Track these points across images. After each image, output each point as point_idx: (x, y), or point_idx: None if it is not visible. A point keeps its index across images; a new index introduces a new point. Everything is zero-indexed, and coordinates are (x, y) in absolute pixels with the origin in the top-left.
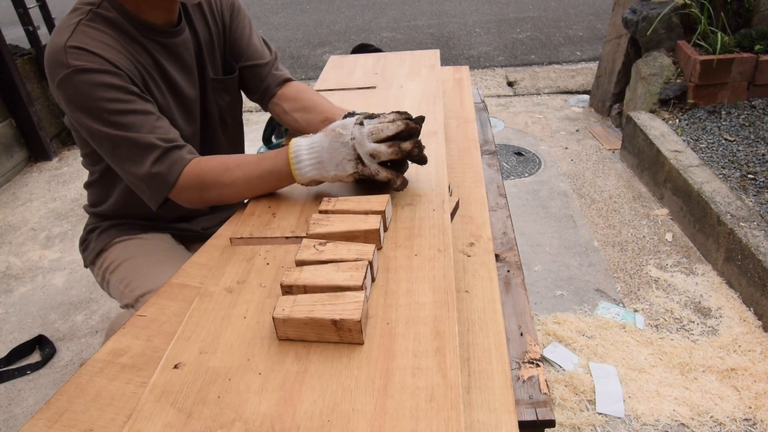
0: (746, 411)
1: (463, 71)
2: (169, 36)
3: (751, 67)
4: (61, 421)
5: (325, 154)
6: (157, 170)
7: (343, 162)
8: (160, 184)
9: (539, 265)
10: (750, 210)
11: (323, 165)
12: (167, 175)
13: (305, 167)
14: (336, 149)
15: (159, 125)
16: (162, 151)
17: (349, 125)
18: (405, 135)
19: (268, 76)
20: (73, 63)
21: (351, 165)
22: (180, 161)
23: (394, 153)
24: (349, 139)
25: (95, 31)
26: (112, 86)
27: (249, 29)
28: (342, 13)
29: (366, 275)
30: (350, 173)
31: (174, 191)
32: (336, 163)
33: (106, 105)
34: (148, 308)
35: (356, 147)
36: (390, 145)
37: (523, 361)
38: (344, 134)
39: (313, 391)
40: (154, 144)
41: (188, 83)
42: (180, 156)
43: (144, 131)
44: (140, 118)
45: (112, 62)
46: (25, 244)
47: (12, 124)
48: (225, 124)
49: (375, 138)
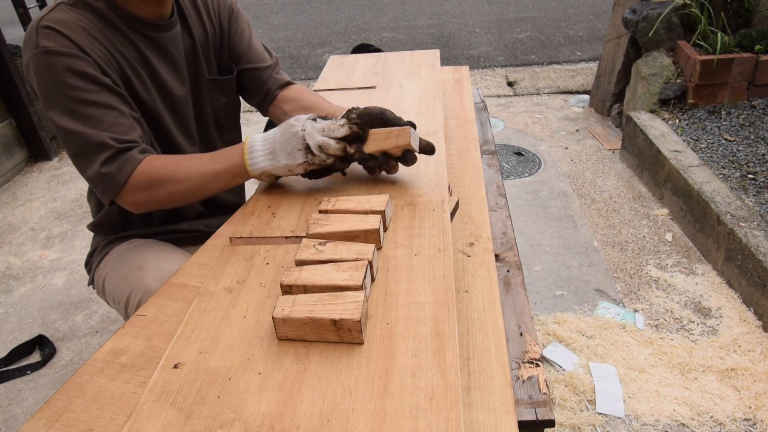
0: (746, 411)
1: (463, 71)
2: (156, 30)
3: (751, 67)
4: (60, 420)
5: (276, 144)
6: (106, 170)
7: (294, 151)
8: (109, 184)
9: (539, 265)
10: (750, 210)
11: (275, 155)
12: (116, 175)
13: (257, 157)
14: (287, 139)
15: (119, 122)
16: (114, 152)
17: (302, 119)
18: (351, 139)
19: (269, 80)
20: (42, 43)
21: (301, 154)
22: (131, 161)
23: (340, 149)
24: (299, 129)
25: (74, 15)
26: (76, 72)
27: (249, 32)
28: (342, 13)
29: (366, 275)
30: (300, 162)
31: (123, 192)
32: (287, 152)
33: (67, 92)
34: (147, 308)
35: (306, 137)
36: (338, 142)
37: (523, 361)
38: (295, 125)
39: (312, 391)
40: (106, 144)
41: (177, 81)
42: (131, 156)
43: (100, 127)
44: (100, 111)
45: (82, 47)
46: (25, 244)
47: (12, 124)
48: (221, 125)
49: (325, 134)
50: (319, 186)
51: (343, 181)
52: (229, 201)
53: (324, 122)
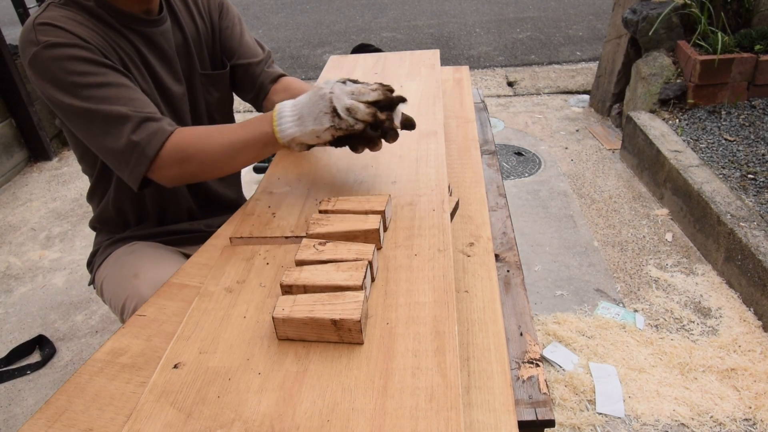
0: (746, 411)
1: (463, 71)
2: (147, 25)
3: (751, 67)
4: (60, 420)
5: (304, 109)
6: (136, 139)
7: (320, 115)
8: (140, 156)
9: (539, 265)
10: (750, 210)
11: (303, 120)
12: (146, 146)
13: (286, 123)
14: (315, 102)
15: (135, 97)
16: (139, 120)
17: (331, 81)
18: (383, 105)
19: (261, 74)
20: (42, 39)
21: (327, 118)
22: (161, 132)
23: (370, 114)
24: (327, 91)
25: (66, 12)
26: (82, 59)
27: (239, 27)
28: (342, 13)
29: (366, 275)
30: (327, 127)
31: (155, 165)
32: (314, 117)
33: (77, 79)
34: (147, 308)
35: (333, 100)
36: (368, 105)
37: (523, 361)
38: (324, 88)
39: (312, 391)
40: (129, 115)
41: (171, 77)
42: (160, 127)
43: (118, 104)
44: (114, 90)
45: (82, 37)
46: (25, 244)
47: (12, 124)
48: (214, 120)
49: (355, 98)
50: (319, 186)
51: (343, 181)
52: (226, 197)
53: (354, 85)
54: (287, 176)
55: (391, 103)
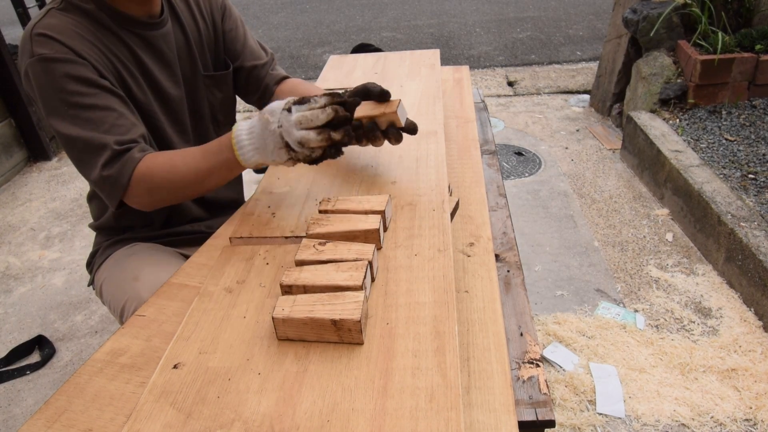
0: (747, 411)
1: (463, 71)
2: (148, 28)
3: (751, 66)
4: (60, 421)
5: (259, 141)
6: (107, 173)
7: (276, 149)
8: (112, 187)
9: (539, 265)
10: (750, 210)
11: (261, 150)
12: (118, 177)
13: (248, 152)
14: (267, 137)
15: (119, 123)
16: (113, 154)
17: (276, 111)
18: (336, 123)
19: (266, 77)
20: (37, 51)
21: (284, 152)
22: (130, 162)
23: (323, 140)
24: (276, 127)
25: (65, 19)
26: (74, 77)
27: (242, 29)
28: (342, 13)
29: (366, 275)
30: (286, 159)
31: (127, 195)
32: (271, 150)
33: (66, 98)
34: (147, 308)
35: (283, 135)
36: (319, 132)
37: (523, 361)
38: (272, 121)
39: (312, 391)
40: (106, 146)
41: (170, 81)
42: (130, 156)
43: (101, 130)
44: (100, 114)
45: (77, 52)
46: (24, 244)
47: (11, 123)
48: (217, 122)
49: (303, 126)
50: (319, 186)
51: (343, 181)
52: (229, 199)
53: (300, 111)
54: (287, 176)
55: (343, 119)
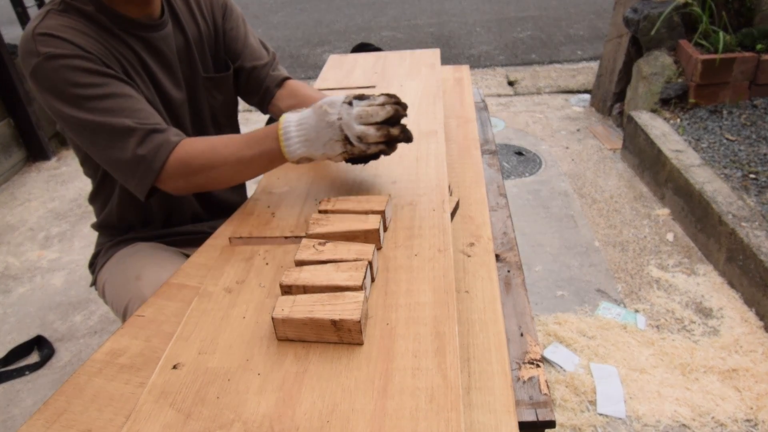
0: (748, 412)
1: (464, 70)
2: (147, 30)
3: (752, 66)
4: (59, 421)
5: (312, 132)
6: (142, 153)
7: (330, 142)
8: (146, 170)
9: (540, 265)
10: (751, 210)
11: (312, 143)
12: (153, 160)
13: (294, 144)
14: (323, 128)
15: (139, 107)
16: (144, 134)
17: (336, 103)
18: (394, 120)
19: (267, 78)
20: (43, 50)
21: (339, 145)
22: (166, 144)
23: (382, 136)
24: (335, 119)
25: (65, 20)
26: (85, 70)
27: (244, 29)
28: (342, 12)
29: (366, 275)
30: (339, 153)
31: (161, 177)
32: (323, 143)
33: (80, 91)
34: (146, 308)
35: (343, 128)
36: (378, 128)
37: (524, 362)
38: (331, 113)
39: (312, 392)
40: (133, 127)
41: (172, 84)
42: (165, 139)
43: (122, 115)
44: (118, 101)
45: (83, 47)
46: (23, 244)
47: (10, 123)
48: (218, 124)
49: (364, 121)
50: (319, 186)
51: (343, 181)
52: (231, 200)
53: (361, 106)
54: (287, 176)
55: (401, 117)
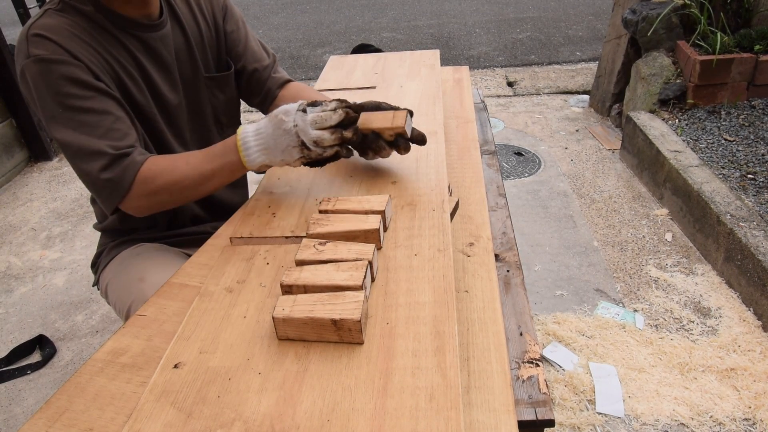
0: (746, 411)
1: (463, 71)
2: (146, 30)
3: (750, 67)
4: (61, 420)
5: (270, 141)
6: (107, 176)
7: (289, 149)
8: (112, 191)
9: (539, 265)
10: (750, 210)
11: (270, 150)
12: (119, 182)
13: (253, 153)
14: (280, 136)
15: (115, 128)
16: (111, 159)
17: (291, 111)
18: (346, 123)
19: (268, 80)
20: (33, 52)
21: (297, 151)
22: (132, 166)
23: (336, 139)
24: (291, 126)
25: (62, 20)
26: (69, 79)
27: (244, 31)
28: (342, 14)
29: (366, 275)
30: (297, 158)
31: (126, 199)
32: (281, 150)
33: (61, 100)
34: (147, 308)
35: (300, 134)
36: (333, 131)
37: (523, 361)
38: (287, 121)
39: (312, 391)
40: (102, 151)
41: (168, 86)
42: (131, 161)
43: (96, 134)
44: (95, 117)
45: (73, 53)
46: (25, 244)
47: (12, 124)
48: (221, 124)
49: (318, 126)
50: (319, 186)
51: (343, 181)
52: (231, 202)
53: (315, 112)
54: (287, 176)
55: (353, 120)
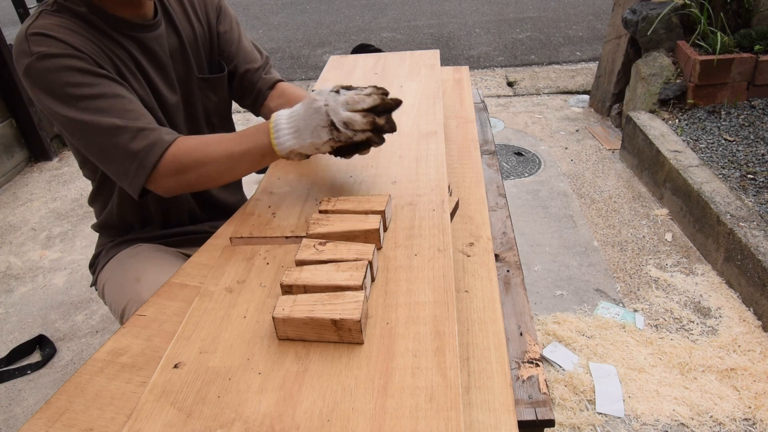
0: (746, 411)
1: (463, 71)
2: (141, 30)
3: (750, 67)
4: (61, 420)
5: (301, 122)
6: (134, 149)
7: (318, 128)
8: (138, 167)
9: (539, 265)
10: (749, 210)
11: (300, 133)
12: (145, 157)
13: (283, 136)
14: (310, 115)
15: (130, 108)
16: (135, 131)
17: (324, 92)
18: (380, 110)
19: (260, 81)
20: (35, 49)
21: (326, 132)
22: (159, 143)
23: (368, 123)
24: (322, 104)
25: (58, 20)
26: (77, 70)
27: (237, 31)
28: (342, 14)
29: (366, 275)
30: (326, 140)
31: (153, 176)
32: (311, 130)
33: (72, 90)
34: (147, 308)
35: (330, 113)
36: (365, 115)
37: (523, 361)
38: (318, 100)
39: (313, 391)
40: (124, 126)
41: (166, 86)
42: (158, 137)
43: (113, 115)
44: (109, 101)
45: (75, 46)
46: (25, 244)
47: (12, 124)
48: (212, 124)
49: (350, 108)
50: (319, 186)
51: (343, 181)
52: (228, 200)
53: (348, 94)
54: (287, 176)
55: (388, 107)
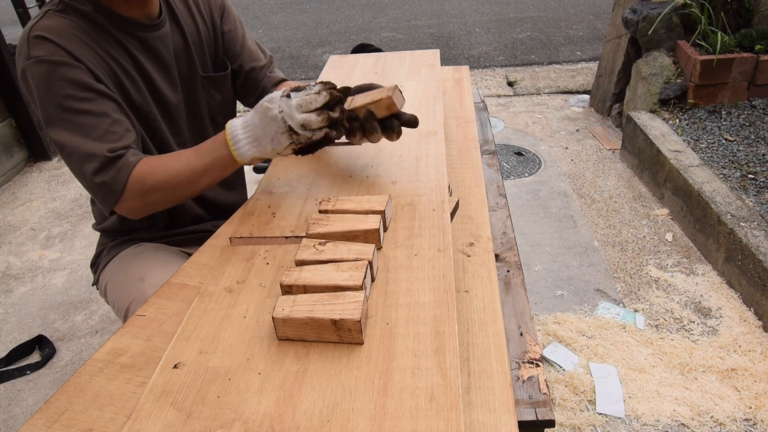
0: (746, 411)
1: (463, 71)
2: (145, 29)
3: (751, 66)
4: (60, 420)
5: (259, 131)
6: (100, 180)
7: (277, 135)
8: (107, 194)
9: (539, 265)
10: (750, 210)
11: (259, 141)
12: (113, 183)
13: (244, 146)
14: (267, 124)
15: (112, 130)
16: (104, 161)
17: (275, 98)
18: (332, 104)
19: (264, 79)
20: (34, 53)
21: (285, 137)
22: (124, 168)
23: (323, 120)
24: (277, 111)
25: (63, 21)
26: (69, 81)
27: (241, 31)
28: (342, 13)
29: (366, 275)
30: (286, 145)
31: (121, 201)
32: (270, 138)
33: (60, 101)
34: (147, 308)
35: (286, 119)
36: (319, 113)
37: (523, 361)
38: (272, 108)
39: (312, 391)
40: (96, 154)
41: (169, 86)
42: (124, 162)
43: (93, 136)
44: (93, 120)
45: (74, 54)
46: (24, 244)
47: (12, 124)
48: (216, 123)
49: (304, 110)
50: (319, 186)
51: (343, 181)
52: (230, 202)
53: (299, 96)
54: (287, 176)
55: (338, 99)
